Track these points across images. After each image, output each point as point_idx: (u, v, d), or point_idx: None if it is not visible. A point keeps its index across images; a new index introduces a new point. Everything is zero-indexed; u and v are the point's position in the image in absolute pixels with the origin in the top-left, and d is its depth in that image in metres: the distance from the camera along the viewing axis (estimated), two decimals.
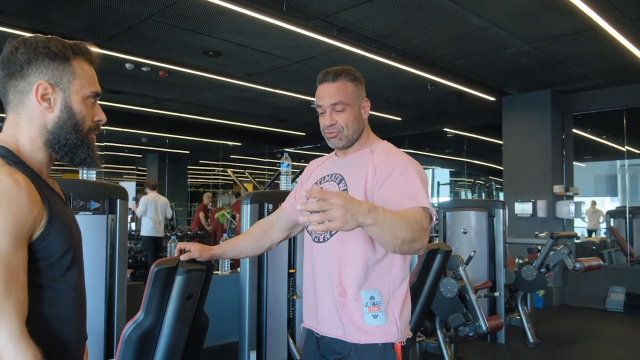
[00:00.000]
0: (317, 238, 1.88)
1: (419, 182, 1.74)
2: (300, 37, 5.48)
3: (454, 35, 5.60)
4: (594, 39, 5.56)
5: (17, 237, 1.11)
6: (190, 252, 1.89)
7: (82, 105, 1.30)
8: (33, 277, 1.16)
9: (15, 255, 1.11)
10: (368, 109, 1.92)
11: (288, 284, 4.02)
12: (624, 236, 9.28)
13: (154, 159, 15.41)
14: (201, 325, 2.04)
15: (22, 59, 1.24)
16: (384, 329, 1.76)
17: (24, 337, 1.08)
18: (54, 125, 1.27)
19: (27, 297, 1.13)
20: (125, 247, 3.25)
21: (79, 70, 1.30)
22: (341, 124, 1.85)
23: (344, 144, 1.88)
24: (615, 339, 6.09)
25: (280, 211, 2.14)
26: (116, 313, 3.09)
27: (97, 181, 3.27)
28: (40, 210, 1.17)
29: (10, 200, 1.11)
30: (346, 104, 1.84)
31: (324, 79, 1.87)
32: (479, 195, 18.93)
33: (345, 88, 1.84)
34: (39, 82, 1.25)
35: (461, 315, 4.25)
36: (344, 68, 1.88)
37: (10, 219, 1.10)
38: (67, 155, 1.30)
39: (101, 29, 5.39)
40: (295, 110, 9.58)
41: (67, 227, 1.26)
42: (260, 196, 3.98)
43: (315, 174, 2.03)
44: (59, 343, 1.24)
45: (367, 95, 1.95)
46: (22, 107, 1.27)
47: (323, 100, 1.86)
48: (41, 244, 1.18)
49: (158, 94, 8.64)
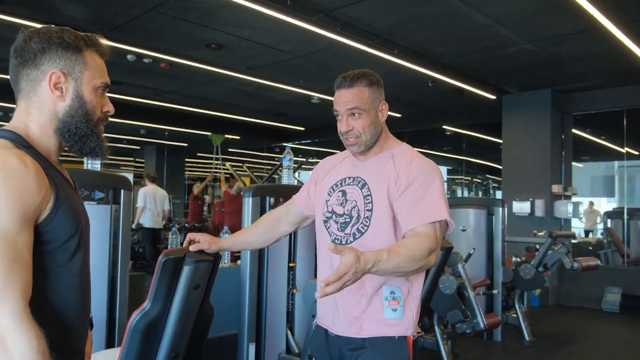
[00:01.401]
0: (337, 240, 1.89)
1: (438, 194, 1.77)
2: (303, 31, 5.47)
3: (456, 33, 5.60)
4: (597, 38, 5.57)
5: (24, 218, 1.12)
6: (199, 243, 1.90)
7: (93, 95, 1.32)
8: (37, 261, 1.17)
9: (21, 235, 1.11)
10: (386, 112, 1.92)
11: (288, 278, 4.03)
12: (620, 237, 9.32)
13: (152, 150, 15.39)
14: (206, 315, 2.05)
15: (36, 48, 1.26)
16: (401, 322, 1.80)
17: (27, 318, 1.08)
18: (65, 114, 1.29)
19: (31, 278, 1.13)
20: (129, 237, 3.26)
21: (91, 61, 1.32)
22: (358, 129, 1.85)
23: (362, 149, 1.89)
24: (611, 339, 6.13)
25: (291, 204, 2.15)
26: (118, 303, 3.10)
27: (101, 171, 3.28)
28: (47, 193, 1.18)
29: (17, 181, 1.12)
30: (362, 110, 1.84)
31: (341, 84, 1.87)
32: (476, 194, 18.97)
33: (361, 94, 1.84)
34: (52, 71, 1.26)
35: (459, 312, 4.27)
36: (362, 72, 1.87)
37: (17, 200, 1.11)
38: (77, 144, 1.32)
39: (104, 20, 5.37)
40: (295, 104, 9.57)
41: (73, 212, 1.26)
42: (262, 190, 3.99)
43: (334, 173, 2.02)
44: (61, 327, 1.25)
45: None
46: (34, 95, 1.28)
47: (339, 106, 1.87)
48: (47, 227, 1.19)
49: (159, 86, 8.62)
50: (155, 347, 1.93)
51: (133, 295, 3.30)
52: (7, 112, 10.43)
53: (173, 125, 11.78)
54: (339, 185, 1.94)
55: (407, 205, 1.75)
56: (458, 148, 13.16)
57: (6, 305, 1.06)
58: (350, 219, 1.85)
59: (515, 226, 7.82)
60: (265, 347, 3.90)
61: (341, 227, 1.88)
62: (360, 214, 1.84)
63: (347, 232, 1.86)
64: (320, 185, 2.03)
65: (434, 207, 1.73)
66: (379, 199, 1.81)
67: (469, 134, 11.47)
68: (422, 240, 1.66)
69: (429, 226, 1.71)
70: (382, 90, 1.91)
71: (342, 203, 1.89)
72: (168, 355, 1.94)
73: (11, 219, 1.10)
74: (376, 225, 1.81)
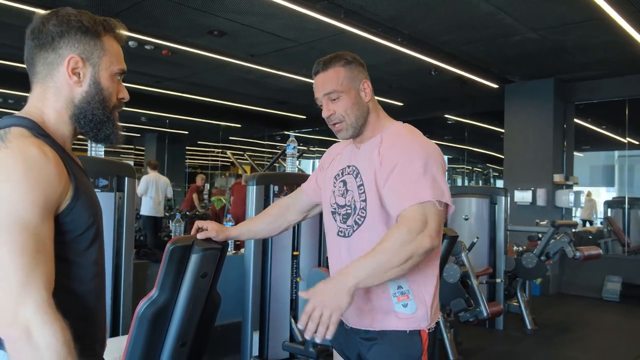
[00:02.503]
0: (341, 232, 1.84)
1: (421, 173, 1.62)
2: (306, 18, 5.43)
3: (461, 21, 5.57)
4: (601, 28, 5.54)
5: (45, 208, 1.11)
6: (207, 231, 1.89)
7: (110, 81, 1.30)
8: (57, 251, 1.15)
9: (43, 226, 1.10)
10: (369, 90, 1.81)
11: (292, 266, 4.03)
12: (621, 226, 9.33)
13: (152, 138, 15.35)
14: (213, 303, 2.05)
15: (55, 31, 1.23)
16: (413, 316, 1.72)
17: (51, 309, 1.07)
18: (82, 100, 1.27)
19: (54, 268, 1.12)
20: (132, 225, 3.25)
21: (109, 46, 1.29)
22: (340, 113, 1.77)
23: (351, 133, 1.80)
24: (611, 327, 6.15)
25: (300, 193, 2.13)
26: (122, 290, 3.10)
27: (105, 158, 3.26)
28: (66, 183, 1.17)
29: (38, 171, 1.10)
30: (340, 92, 1.76)
31: (316, 69, 1.80)
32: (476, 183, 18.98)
33: (336, 75, 1.76)
34: (70, 56, 1.24)
35: (463, 301, 4.28)
36: (336, 54, 1.79)
37: (38, 191, 1.09)
38: (92, 131, 1.30)
39: (106, 5, 5.34)
40: (297, 92, 9.54)
41: (91, 202, 1.26)
42: (266, 178, 3.98)
43: (336, 162, 1.95)
44: (82, 317, 1.24)
45: (370, 79, 1.84)
46: (50, 79, 1.25)
47: (317, 91, 1.80)
48: (67, 217, 1.18)
49: (160, 73, 8.59)
50: (163, 335, 1.92)
51: (136, 283, 3.29)
52: (6, 99, 10.41)
53: (174, 113, 11.75)
54: (339, 176, 1.89)
55: (391, 190, 1.66)
56: (459, 137, 13.15)
57: (31, 297, 1.05)
58: (351, 210, 1.80)
59: (516, 215, 7.83)
60: (269, 335, 3.91)
61: (343, 218, 1.83)
62: (357, 205, 1.78)
63: (349, 224, 1.81)
64: (325, 174, 1.99)
65: (417, 188, 1.60)
66: (370, 188, 1.74)
67: (471, 122, 11.45)
68: (396, 227, 1.57)
69: (414, 208, 1.57)
70: (363, 69, 1.81)
71: (343, 194, 1.84)
72: (175, 343, 1.94)
73: (34, 211, 1.08)
74: (372, 215, 1.74)
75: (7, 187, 1.07)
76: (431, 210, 1.59)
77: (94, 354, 1.31)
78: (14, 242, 1.05)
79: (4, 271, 1.05)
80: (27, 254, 1.06)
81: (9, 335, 1.05)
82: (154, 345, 1.92)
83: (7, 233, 1.05)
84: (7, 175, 1.08)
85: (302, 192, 2.12)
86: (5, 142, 1.11)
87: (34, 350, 1.04)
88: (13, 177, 1.08)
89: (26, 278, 1.05)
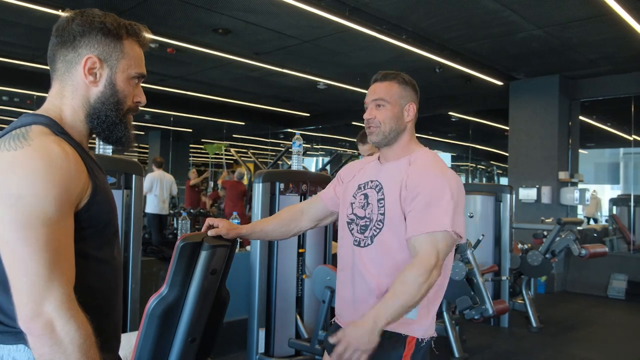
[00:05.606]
0: (356, 242, 1.92)
1: (444, 205, 1.74)
2: (311, 16, 5.42)
3: (465, 18, 5.56)
4: (607, 24, 5.52)
5: (66, 205, 1.13)
6: (218, 228, 1.90)
7: (126, 84, 1.31)
8: (77, 248, 1.17)
9: (64, 222, 1.13)
10: (412, 113, 1.95)
11: (297, 264, 4.04)
12: (626, 224, 9.31)
13: (156, 136, 15.36)
14: (222, 299, 2.05)
15: (77, 30, 1.25)
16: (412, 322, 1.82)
17: (73, 305, 1.10)
18: (96, 100, 1.29)
19: (74, 264, 1.14)
20: (140, 222, 3.26)
21: (129, 50, 1.31)
22: (379, 119, 1.90)
23: (380, 139, 1.92)
24: (617, 325, 6.14)
25: (316, 200, 2.19)
26: (130, 287, 3.11)
27: (113, 156, 3.27)
28: (86, 181, 1.19)
29: (59, 169, 1.12)
30: (387, 102, 1.90)
31: (375, 78, 1.97)
32: (480, 180, 18.95)
33: (390, 88, 1.92)
34: (88, 56, 1.26)
35: (468, 298, 4.28)
36: (398, 73, 1.95)
37: (60, 188, 1.11)
38: (104, 132, 1.32)
39: (111, 4, 5.34)
40: (300, 90, 9.54)
41: (108, 199, 1.28)
42: (272, 175, 3.98)
43: (358, 177, 2.05)
44: (101, 312, 1.26)
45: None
46: (68, 77, 1.28)
47: (369, 96, 1.96)
48: (86, 214, 1.20)
49: (165, 71, 8.59)
50: (173, 331, 1.93)
51: (143, 280, 3.30)
52: (12, 97, 10.42)
53: (178, 111, 11.75)
54: (362, 189, 1.98)
55: (411, 214, 1.78)
56: (462, 134, 13.12)
57: (53, 293, 1.07)
58: (369, 222, 1.89)
59: (521, 213, 7.82)
60: (275, 332, 3.92)
61: (361, 229, 1.91)
62: (374, 217, 1.88)
63: (366, 235, 1.89)
64: (346, 187, 2.07)
65: (435, 217, 1.73)
66: (392, 202, 1.83)
67: (475, 120, 11.43)
68: (414, 268, 1.69)
69: (427, 240, 1.72)
70: (415, 94, 1.97)
71: (364, 206, 1.93)
72: (185, 339, 1.94)
73: (55, 208, 1.10)
74: (389, 228, 1.83)
75: (29, 184, 1.09)
76: (444, 239, 1.73)
77: (111, 349, 1.33)
78: (36, 238, 1.07)
79: (27, 267, 1.06)
80: (50, 250, 1.08)
81: (32, 329, 1.07)
82: (164, 341, 1.93)
83: (30, 229, 1.07)
84: (29, 173, 1.09)
85: (320, 199, 2.18)
86: (27, 140, 1.13)
87: (57, 345, 1.06)
88: (35, 175, 1.09)
89: (49, 274, 1.07)
